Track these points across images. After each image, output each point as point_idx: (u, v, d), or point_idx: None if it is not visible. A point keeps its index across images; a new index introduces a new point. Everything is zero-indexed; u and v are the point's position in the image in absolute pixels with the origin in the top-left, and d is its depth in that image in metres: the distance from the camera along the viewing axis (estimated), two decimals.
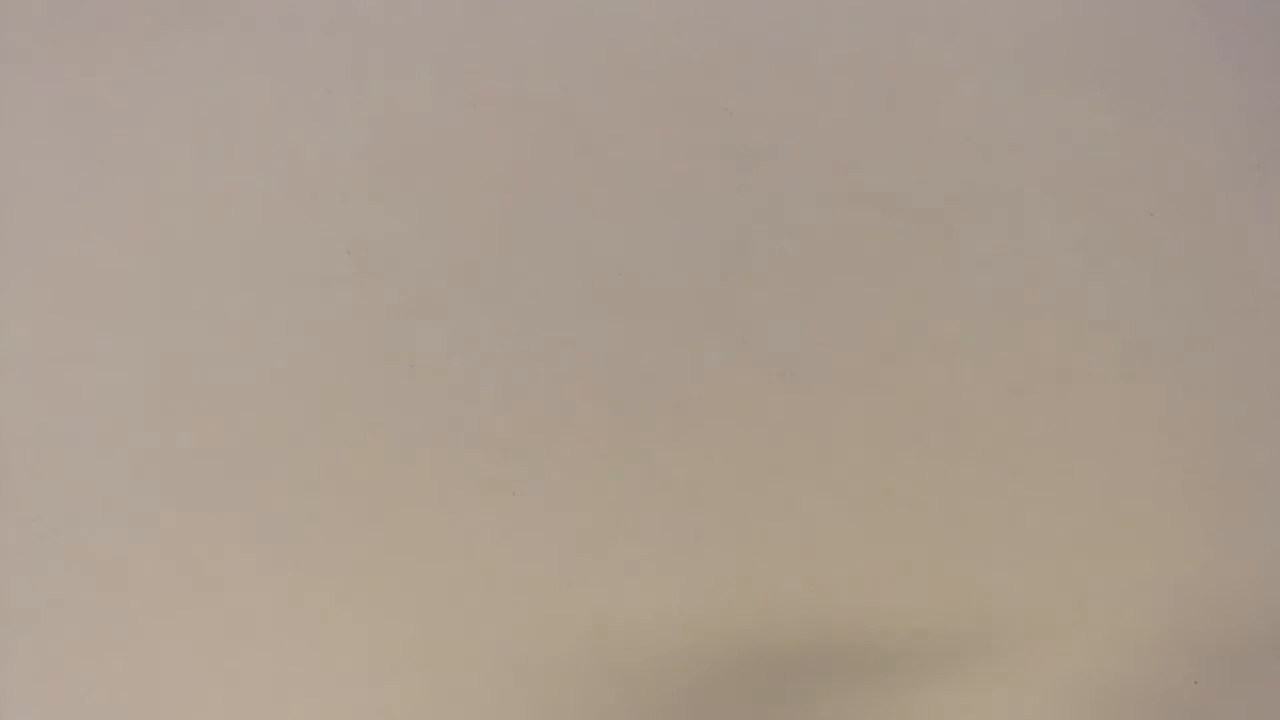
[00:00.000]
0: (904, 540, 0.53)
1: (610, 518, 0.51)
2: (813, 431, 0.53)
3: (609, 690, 0.50)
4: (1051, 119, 0.53)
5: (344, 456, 0.52)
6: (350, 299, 0.52)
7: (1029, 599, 0.53)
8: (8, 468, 0.52)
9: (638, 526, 0.51)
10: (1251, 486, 0.54)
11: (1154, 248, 0.53)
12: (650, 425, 0.52)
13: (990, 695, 0.53)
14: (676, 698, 0.49)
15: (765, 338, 0.53)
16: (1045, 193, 0.53)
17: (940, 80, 0.52)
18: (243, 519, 0.52)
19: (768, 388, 0.53)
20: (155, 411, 0.52)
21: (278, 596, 0.52)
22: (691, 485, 0.52)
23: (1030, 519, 0.53)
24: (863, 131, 0.52)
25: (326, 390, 0.52)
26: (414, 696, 0.52)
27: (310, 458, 0.52)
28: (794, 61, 0.52)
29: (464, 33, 0.52)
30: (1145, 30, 0.53)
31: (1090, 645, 0.53)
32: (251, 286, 0.52)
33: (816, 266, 0.52)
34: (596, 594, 0.50)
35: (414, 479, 0.52)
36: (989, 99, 0.53)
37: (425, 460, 0.52)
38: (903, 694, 0.53)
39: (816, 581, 0.53)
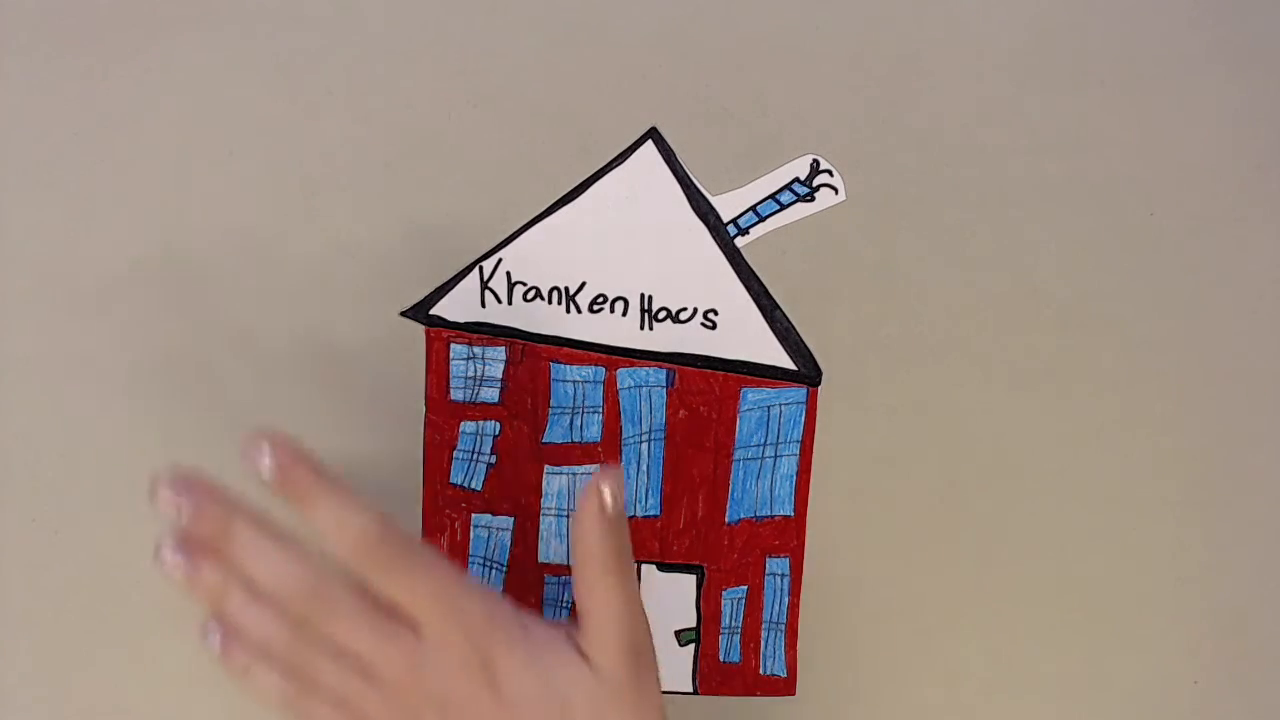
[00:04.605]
0: (902, 537, 0.53)
1: None
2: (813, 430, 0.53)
3: None
4: (1051, 119, 0.53)
5: (345, 457, 0.52)
6: (351, 299, 0.52)
7: (1028, 599, 0.53)
8: (8, 468, 0.52)
9: None
10: (1251, 486, 0.54)
11: (1154, 248, 0.53)
12: None
13: (990, 695, 0.53)
14: None
15: None
16: (1045, 192, 0.53)
17: (939, 80, 0.52)
18: None
19: None
20: (154, 411, 0.52)
21: None
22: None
23: (1030, 519, 0.53)
24: (861, 131, 0.52)
25: (326, 390, 0.52)
26: None
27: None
28: (793, 60, 0.52)
29: (465, 34, 0.52)
30: (1145, 30, 0.53)
31: (1091, 645, 0.53)
32: (251, 286, 0.52)
33: (815, 266, 0.52)
34: None
35: (416, 480, 0.52)
36: (989, 99, 0.53)
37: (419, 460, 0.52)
38: (898, 690, 0.53)
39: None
